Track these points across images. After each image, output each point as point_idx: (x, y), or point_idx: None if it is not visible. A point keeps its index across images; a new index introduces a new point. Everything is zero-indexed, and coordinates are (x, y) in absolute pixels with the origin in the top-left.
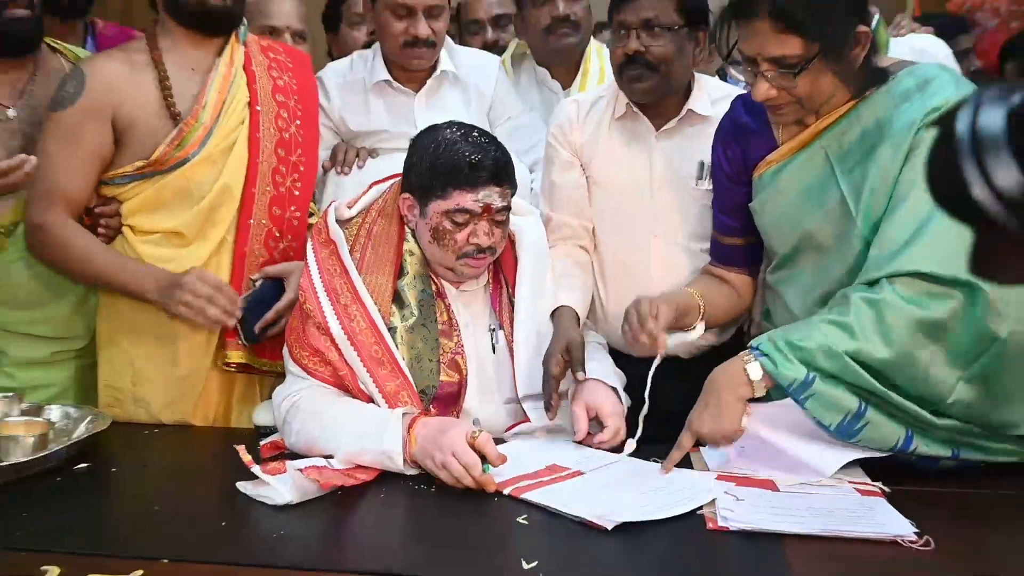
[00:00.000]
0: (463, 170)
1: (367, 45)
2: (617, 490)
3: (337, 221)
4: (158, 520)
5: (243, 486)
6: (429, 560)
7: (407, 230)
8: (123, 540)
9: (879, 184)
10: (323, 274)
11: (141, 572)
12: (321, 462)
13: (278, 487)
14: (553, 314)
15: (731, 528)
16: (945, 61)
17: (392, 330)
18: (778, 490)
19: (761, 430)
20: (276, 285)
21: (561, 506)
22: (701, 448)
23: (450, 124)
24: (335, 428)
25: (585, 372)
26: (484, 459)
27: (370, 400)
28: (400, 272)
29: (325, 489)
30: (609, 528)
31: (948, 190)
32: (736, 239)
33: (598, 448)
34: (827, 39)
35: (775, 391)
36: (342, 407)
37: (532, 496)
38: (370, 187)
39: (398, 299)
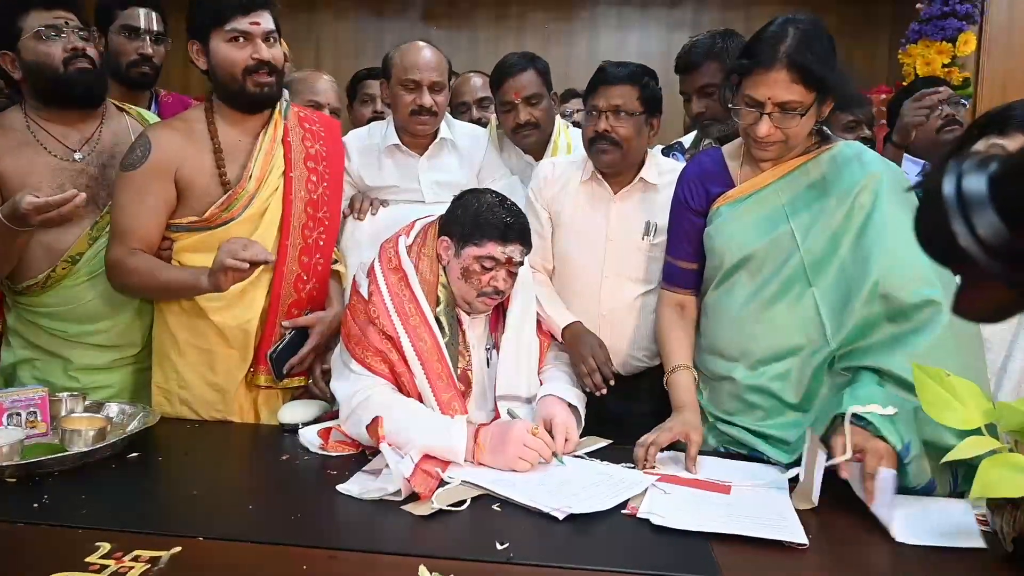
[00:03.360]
0: (500, 228)
1: (371, 119)
2: (568, 485)
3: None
4: (196, 503)
5: (345, 488)
6: (423, 541)
7: (440, 269)
8: (165, 520)
9: (824, 227)
10: (393, 298)
11: (179, 548)
12: (409, 468)
13: (395, 478)
14: (568, 328)
15: (653, 523)
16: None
17: None
18: (701, 489)
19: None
20: (302, 332)
21: (526, 500)
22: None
23: (488, 191)
24: (407, 423)
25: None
26: None
27: (419, 397)
28: (437, 302)
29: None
30: (561, 518)
31: (937, 242)
32: (691, 264)
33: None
34: (826, 89)
35: None
36: (412, 408)
37: (504, 492)
38: (414, 222)
39: (438, 324)
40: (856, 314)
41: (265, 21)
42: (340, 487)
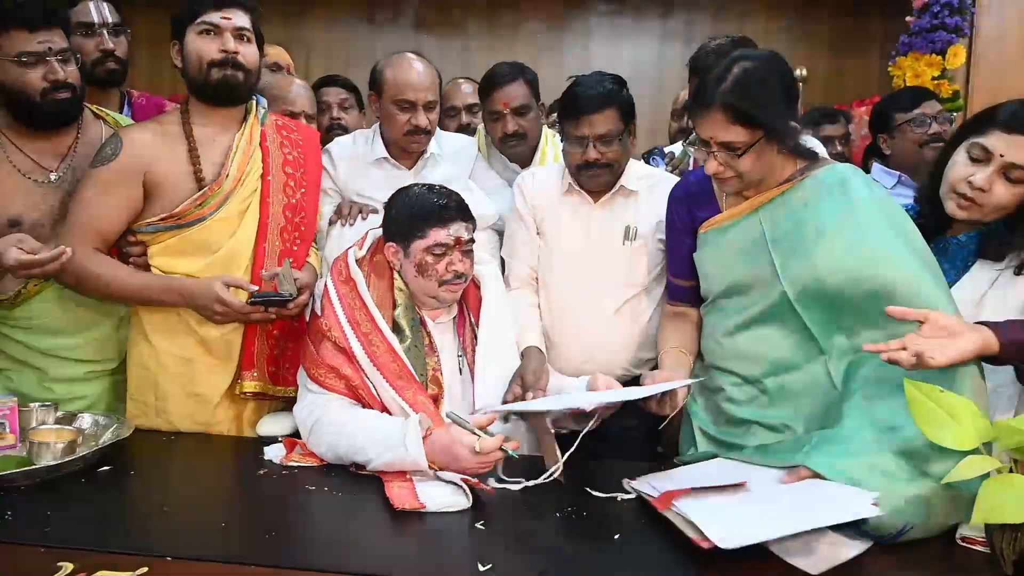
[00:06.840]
0: (435, 212)
1: (328, 128)
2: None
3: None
4: (166, 520)
5: (429, 502)
6: (401, 562)
7: (394, 272)
8: (133, 538)
9: (803, 257)
10: (345, 309)
11: (146, 569)
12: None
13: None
14: (523, 352)
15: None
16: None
17: None
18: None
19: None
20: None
21: (565, 404)
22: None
23: (415, 184)
24: (361, 441)
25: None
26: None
27: (383, 407)
28: (394, 305)
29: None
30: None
31: None
32: (685, 281)
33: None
34: (767, 129)
35: None
36: (363, 421)
37: (543, 407)
38: (367, 233)
39: (396, 327)
40: (852, 322)
41: (237, 18)
42: (425, 500)
